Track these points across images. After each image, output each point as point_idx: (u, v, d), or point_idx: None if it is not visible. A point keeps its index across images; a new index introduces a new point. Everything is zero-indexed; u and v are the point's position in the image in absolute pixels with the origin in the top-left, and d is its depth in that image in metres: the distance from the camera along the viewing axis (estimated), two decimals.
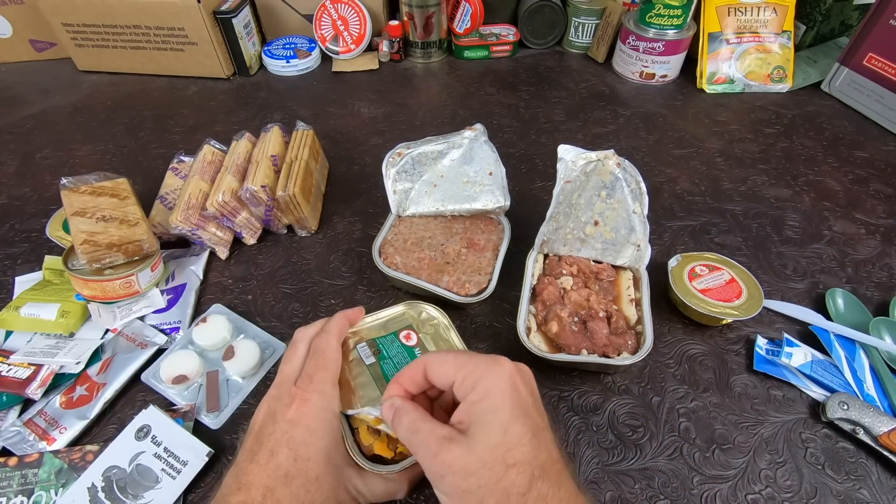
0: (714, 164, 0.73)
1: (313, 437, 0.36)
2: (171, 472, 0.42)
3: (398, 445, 0.39)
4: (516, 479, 0.29)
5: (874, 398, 0.47)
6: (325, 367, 0.39)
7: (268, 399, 0.38)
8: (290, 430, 0.36)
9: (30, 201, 0.69)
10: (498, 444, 0.30)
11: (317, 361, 0.39)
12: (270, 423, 0.36)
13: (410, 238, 0.57)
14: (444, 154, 0.59)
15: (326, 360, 0.40)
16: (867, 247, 0.61)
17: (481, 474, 0.29)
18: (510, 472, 0.29)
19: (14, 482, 0.42)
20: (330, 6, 0.91)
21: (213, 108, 0.86)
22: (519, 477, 0.29)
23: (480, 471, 0.29)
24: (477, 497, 0.29)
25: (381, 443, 0.39)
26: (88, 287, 0.52)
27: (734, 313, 0.50)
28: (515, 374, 0.33)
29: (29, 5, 0.90)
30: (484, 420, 0.31)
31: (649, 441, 0.45)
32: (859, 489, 0.42)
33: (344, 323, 0.43)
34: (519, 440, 0.30)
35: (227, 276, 0.59)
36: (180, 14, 0.83)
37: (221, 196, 0.56)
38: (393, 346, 0.44)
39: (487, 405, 0.32)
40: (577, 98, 0.86)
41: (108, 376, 0.48)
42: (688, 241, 0.62)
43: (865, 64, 0.79)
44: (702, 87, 0.87)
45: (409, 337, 0.45)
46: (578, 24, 0.94)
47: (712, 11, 0.84)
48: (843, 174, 0.71)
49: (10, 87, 0.92)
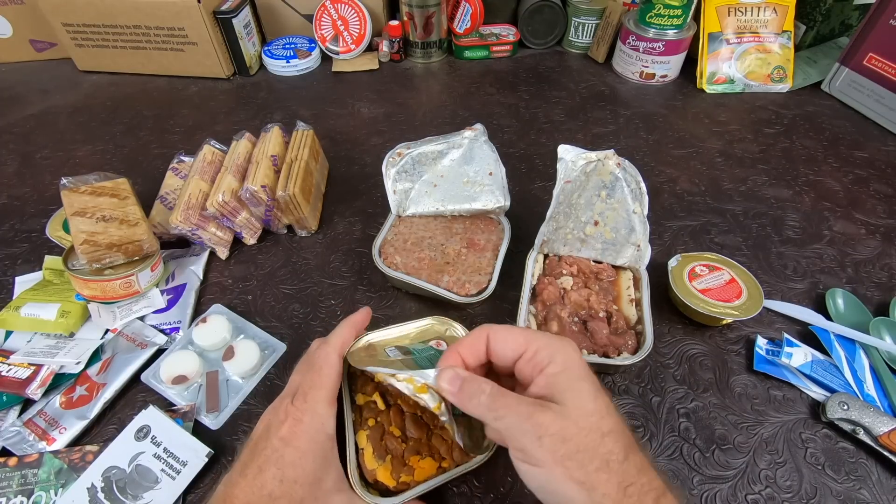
0: (714, 164, 0.73)
1: (303, 460, 0.35)
2: (171, 473, 0.42)
3: (401, 474, 0.38)
4: (613, 446, 0.29)
5: (874, 398, 0.47)
6: (321, 385, 0.38)
7: (268, 411, 0.38)
8: (280, 449, 0.35)
9: (30, 201, 0.69)
10: (592, 411, 0.30)
11: (313, 378, 0.38)
12: (265, 437, 0.36)
13: (410, 238, 0.57)
14: (444, 154, 0.59)
15: (323, 376, 0.38)
16: (867, 247, 0.61)
17: (580, 440, 0.29)
18: (607, 440, 0.29)
19: (14, 482, 0.42)
20: (330, 6, 0.91)
21: (213, 108, 0.86)
22: (616, 445, 0.29)
23: (578, 436, 0.29)
24: (577, 462, 0.29)
25: (385, 469, 0.38)
26: (88, 287, 0.52)
27: (734, 313, 0.50)
28: (580, 353, 0.34)
29: (29, 5, 0.90)
30: (572, 388, 0.31)
31: (649, 441, 0.45)
32: (859, 489, 0.42)
33: (349, 332, 0.42)
34: (608, 409, 0.31)
35: (227, 276, 0.59)
36: (180, 14, 0.83)
37: (221, 196, 0.56)
38: (424, 348, 0.42)
39: (573, 375, 0.32)
40: (577, 98, 0.86)
41: (107, 376, 0.48)
42: (688, 241, 0.62)
43: (865, 64, 0.78)
44: (702, 87, 0.87)
45: (439, 344, 0.44)
46: (578, 24, 0.94)
47: (712, 11, 0.84)
48: (843, 174, 0.71)
49: (10, 87, 0.92)
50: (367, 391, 0.42)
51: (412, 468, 0.39)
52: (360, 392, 0.42)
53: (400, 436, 0.40)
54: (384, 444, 0.39)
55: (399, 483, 0.38)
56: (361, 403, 0.42)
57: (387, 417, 0.41)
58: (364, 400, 0.42)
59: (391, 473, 0.38)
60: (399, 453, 0.39)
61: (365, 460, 0.39)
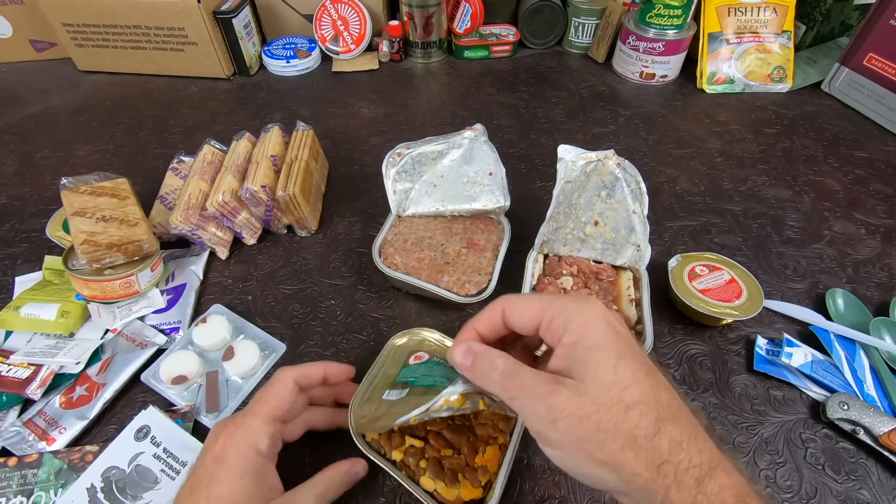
0: (714, 164, 0.73)
1: (231, 477, 0.34)
2: (171, 473, 0.42)
3: (480, 479, 0.38)
4: (640, 420, 0.26)
5: (874, 398, 0.47)
6: (265, 401, 0.37)
7: (215, 425, 0.38)
8: (211, 467, 0.35)
9: (30, 201, 0.69)
10: (611, 383, 0.27)
11: (260, 394, 0.38)
12: (202, 455, 0.36)
13: (410, 238, 0.57)
14: (444, 154, 0.59)
15: (269, 394, 0.38)
16: (867, 247, 0.61)
17: (598, 417, 0.26)
18: (631, 413, 0.26)
19: (14, 482, 0.42)
20: (330, 6, 0.91)
21: (213, 108, 0.86)
22: (643, 418, 0.26)
23: (597, 414, 0.26)
24: (597, 443, 0.26)
25: (466, 488, 0.38)
26: (88, 287, 0.52)
27: (734, 313, 0.50)
28: (608, 312, 0.30)
29: (29, 5, 0.90)
30: (589, 358, 0.28)
31: None
32: (859, 489, 0.42)
33: (318, 371, 0.41)
34: (633, 377, 0.27)
35: (227, 276, 0.59)
36: (180, 14, 0.83)
37: (221, 196, 0.56)
38: (414, 370, 0.41)
39: (589, 343, 0.28)
40: (577, 98, 0.86)
41: (107, 376, 0.48)
42: (688, 241, 0.62)
43: (865, 64, 0.78)
44: (702, 87, 0.87)
45: (419, 357, 0.43)
46: (578, 24, 0.94)
47: (712, 11, 0.84)
48: (843, 174, 0.71)
49: (10, 87, 0.92)
50: (396, 443, 0.41)
51: (484, 467, 0.39)
52: (393, 450, 0.41)
53: (453, 454, 0.40)
54: (448, 471, 0.39)
55: (484, 486, 0.38)
56: (401, 458, 0.40)
57: (432, 450, 0.40)
58: (400, 453, 0.41)
59: (472, 486, 0.38)
60: (463, 466, 0.39)
61: (445, 496, 0.38)
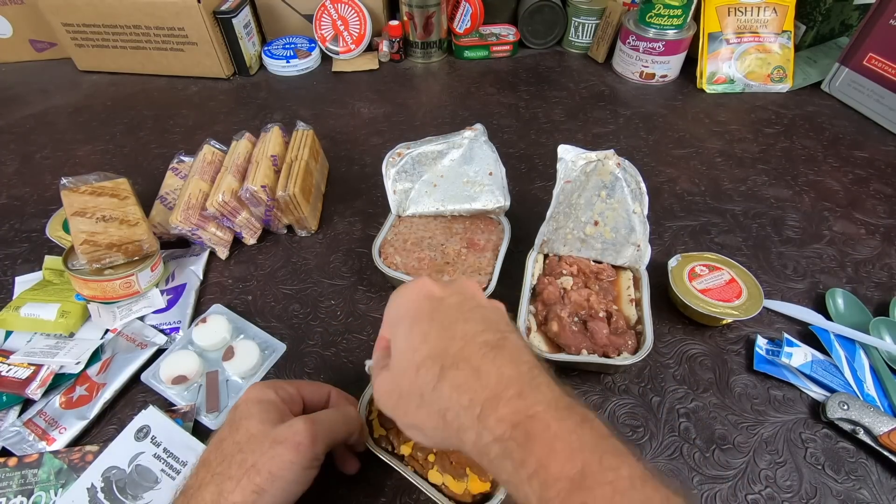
0: (714, 164, 0.73)
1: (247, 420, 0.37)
2: (171, 473, 0.42)
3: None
4: (426, 375, 0.28)
5: (874, 398, 0.47)
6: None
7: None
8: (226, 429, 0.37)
9: (30, 201, 0.69)
10: (405, 349, 0.29)
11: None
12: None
13: (410, 238, 0.57)
14: (444, 154, 0.59)
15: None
16: (867, 247, 0.61)
17: (399, 385, 0.29)
18: (421, 372, 0.28)
19: (14, 482, 0.42)
20: (330, 6, 0.91)
21: (213, 108, 0.86)
22: (428, 373, 0.28)
23: (398, 382, 0.29)
24: (402, 409, 0.29)
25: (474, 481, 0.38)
26: (88, 287, 0.52)
27: (734, 313, 0.50)
28: (428, 283, 0.32)
29: (29, 5, 0.90)
30: (393, 336, 0.31)
31: (649, 441, 0.45)
32: (859, 489, 0.42)
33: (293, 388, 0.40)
34: (424, 338, 0.29)
35: (227, 276, 0.59)
36: (180, 14, 0.83)
37: (221, 196, 0.56)
38: None
39: (394, 323, 0.31)
40: (577, 98, 0.86)
41: (107, 376, 0.48)
42: (688, 241, 0.62)
43: (865, 64, 0.78)
44: (702, 87, 0.87)
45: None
46: (578, 24, 0.94)
47: (712, 11, 0.84)
48: (843, 174, 0.71)
49: (10, 87, 0.92)
50: (404, 438, 0.41)
51: None
52: (402, 444, 0.41)
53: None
54: (456, 465, 0.39)
55: (492, 480, 0.38)
56: (409, 452, 0.40)
57: None
58: (409, 448, 0.40)
59: (480, 479, 0.38)
60: (471, 461, 0.38)
61: (453, 489, 0.38)
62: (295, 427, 0.35)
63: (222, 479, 0.33)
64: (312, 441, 0.34)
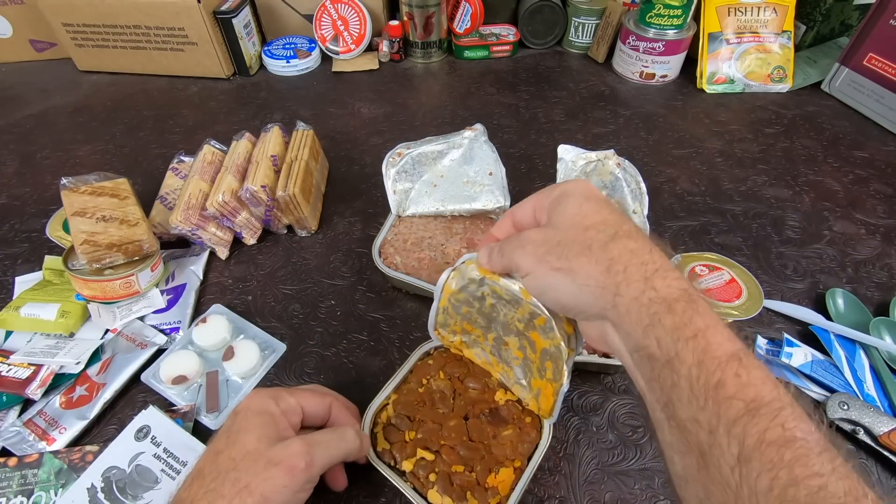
0: (714, 164, 0.73)
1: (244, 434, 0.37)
2: (171, 473, 0.42)
3: (489, 500, 0.38)
4: (596, 235, 0.29)
5: (874, 398, 0.47)
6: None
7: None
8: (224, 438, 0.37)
9: (30, 201, 0.69)
10: (575, 213, 0.31)
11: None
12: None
13: (410, 238, 0.57)
14: (444, 154, 0.59)
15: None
16: (867, 247, 0.61)
17: (559, 236, 0.31)
18: (589, 231, 0.30)
19: (14, 482, 0.42)
20: (330, 6, 0.91)
21: (213, 108, 0.86)
22: (599, 233, 0.29)
23: (557, 234, 0.31)
24: (556, 255, 0.30)
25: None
26: (88, 287, 0.52)
27: (734, 313, 0.50)
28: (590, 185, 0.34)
29: (29, 5, 0.90)
30: (559, 203, 0.32)
31: (649, 441, 0.45)
32: None
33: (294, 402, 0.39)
34: (597, 209, 0.31)
35: (227, 276, 0.59)
36: (180, 14, 0.83)
37: (221, 196, 0.56)
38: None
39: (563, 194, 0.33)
40: (577, 98, 0.86)
41: (107, 376, 0.48)
42: (688, 241, 0.62)
43: (865, 64, 0.78)
44: (702, 87, 0.87)
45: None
46: (578, 24, 0.94)
47: (712, 11, 0.84)
48: (843, 174, 0.71)
49: (10, 87, 0.92)
50: (407, 454, 0.41)
51: (495, 488, 0.39)
52: (404, 460, 0.40)
53: (465, 470, 0.39)
54: (458, 488, 0.39)
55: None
56: (411, 469, 0.40)
57: (443, 464, 0.40)
58: (411, 464, 0.40)
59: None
60: (474, 484, 0.39)
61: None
62: (291, 449, 0.34)
63: (214, 496, 0.32)
64: (308, 465, 0.34)
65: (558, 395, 0.38)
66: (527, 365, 0.40)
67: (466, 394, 0.44)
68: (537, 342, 0.37)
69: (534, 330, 0.37)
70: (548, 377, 0.38)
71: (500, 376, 0.44)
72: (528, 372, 0.41)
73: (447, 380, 0.45)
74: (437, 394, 0.44)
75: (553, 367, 0.37)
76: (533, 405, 0.42)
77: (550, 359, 0.37)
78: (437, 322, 0.44)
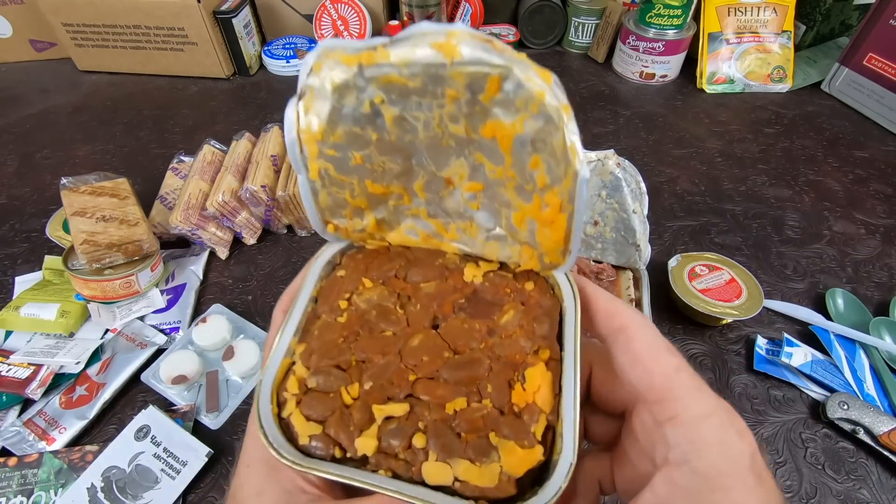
0: (714, 164, 0.73)
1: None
2: (171, 473, 0.42)
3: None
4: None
5: (874, 398, 0.47)
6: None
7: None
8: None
9: (30, 201, 0.69)
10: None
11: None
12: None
13: None
14: None
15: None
16: (867, 247, 0.61)
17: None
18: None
19: (14, 482, 0.42)
20: (330, 6, 0.91)
21: (213, 108, 0.86)
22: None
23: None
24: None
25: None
26: (88, 287, 0.52)
27: (734, 313, 0.50)
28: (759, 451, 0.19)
29: (29, 5, 0.90)
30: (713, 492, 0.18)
31: None
32: (859, 489, 0.42)
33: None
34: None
35: (227, 276, 0.59)
36: (180, 14, 0.83)
37: (221, 196, 0.56)
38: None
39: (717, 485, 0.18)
40: (577, 98, 0.86)
41: (107, 376, 0.48)
42: (688, 241, 0.62)
43: (865, 64, 0.78)
44: (702, 87, 0.87)
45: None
46: (578, 24, 0.94)
47: (712, 11, 0.84)
48: (843, 174, 0.71)
49: (10, 87, 0.92)
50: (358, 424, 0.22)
51: (531, 405, 0.22)
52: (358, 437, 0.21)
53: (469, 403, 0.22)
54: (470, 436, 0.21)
55: (542, 440, 0.21)
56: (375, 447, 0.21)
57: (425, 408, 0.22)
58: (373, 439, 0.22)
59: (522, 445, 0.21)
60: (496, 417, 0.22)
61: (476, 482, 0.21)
62: None
63: None
64: None
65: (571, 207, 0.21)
66: (494, 195, 0.23)
67: (418, 293, 0.26)
68: (499, 132, 0.20)
69: (487, 116, 0.20)
70: (541, 186, 0.21)
71: (458, 244, 0.26)
72: (501, 207, 0.24)
73: (380, 286, 0.26)
74: (373, 312, 0.25)
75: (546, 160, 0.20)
76: (527, 258, 0.25)
77: (535, 147, 0.20)
78: (323, 206, 0.25)
